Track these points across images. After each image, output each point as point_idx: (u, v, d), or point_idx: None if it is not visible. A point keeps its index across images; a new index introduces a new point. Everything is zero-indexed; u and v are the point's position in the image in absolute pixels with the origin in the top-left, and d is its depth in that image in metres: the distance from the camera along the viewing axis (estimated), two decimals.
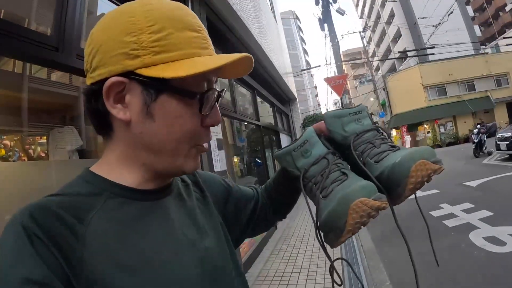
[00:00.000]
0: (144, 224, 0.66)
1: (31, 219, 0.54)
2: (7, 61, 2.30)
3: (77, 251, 0.55)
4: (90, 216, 0.60)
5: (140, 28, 0.62)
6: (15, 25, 1.62)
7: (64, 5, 1.89)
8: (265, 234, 6.49)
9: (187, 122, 0.67)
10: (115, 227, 0.62)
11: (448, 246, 5.06)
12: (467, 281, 3.92)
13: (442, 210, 7.09)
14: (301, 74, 26.57)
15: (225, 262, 0.79)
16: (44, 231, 0.54)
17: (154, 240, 0.65)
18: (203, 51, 0.67)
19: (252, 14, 6.33)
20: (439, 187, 9.58)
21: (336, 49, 12.64)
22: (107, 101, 0.64)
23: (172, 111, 0.65)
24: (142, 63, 0.62)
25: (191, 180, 0.92)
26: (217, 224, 0.86)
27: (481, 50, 36.17)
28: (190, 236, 0.73)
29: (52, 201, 0.60)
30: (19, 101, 2.34)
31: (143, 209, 0.68)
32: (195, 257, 0.70)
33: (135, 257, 0.61)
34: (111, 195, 0.66)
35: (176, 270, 0.65)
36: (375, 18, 49.51)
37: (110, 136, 0.70)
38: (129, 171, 0.70)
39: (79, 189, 0.65)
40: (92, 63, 0.65)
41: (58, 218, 0.56)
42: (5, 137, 2.73)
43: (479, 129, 15.92)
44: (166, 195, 0.75)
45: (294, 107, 14.55)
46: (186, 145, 0.69)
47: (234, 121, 8.48)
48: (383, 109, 39.86)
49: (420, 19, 32.80)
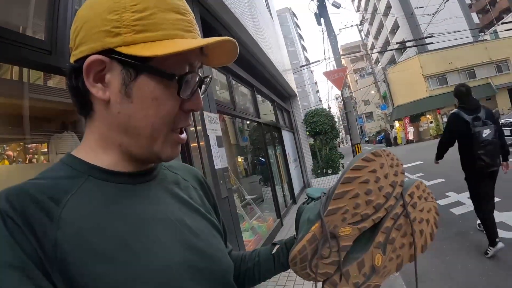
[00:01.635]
0: (123, 207, 0.65)
1: (6, 202, 0.54)
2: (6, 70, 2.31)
3: (51, 233, 0.55)
4: (67, 198, 0.60)
5: (123, 7, 0.62)
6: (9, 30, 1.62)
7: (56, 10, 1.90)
8: (271, 231, 6.49)
9: (164, 104, 0.66)
10: (92, 209, 0.61)
11: (456, 234, 5.06)
12: (477, 268, 3.91)
13: (448, 199, 7.10)
14: (300, 70, 26.49)
15: (215, 250, 0.78)
16: (19, 213, 0.54)
17: (133, 224, 0.64)
18: (186, 34, 0.67)
19: (247, 11, 6.32)
20: (444, 176, 9.54)
21: (334, 43, 12.61)
22: (86, 79, 0.64)
23: (150, 92, 0.65)
24: (123, 41, 0.62)
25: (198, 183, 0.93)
26: (211, 216, 0.85)
27: (480, 37, 35.99)
28: (177, 221, 0.72)
29: (29, 184, 0.60)
30: (19, 109, 2.35)
31: (122, 191, 0.67)
32: (183, 242, 0.69)
33: (111, 241, 0.59)
34: (89, 178, 0.65)
35: (159, 254, 0.64)
36: (372, 10, 49.38)
37: (90, 116, 0.70)
38: (105, 152, 0.69)
39: (58, 172, 0.65)
40: (76, 40, 0.66)
41: (34, 200, 0.56)
42: (8, 148, 2.75)
43: None
44: (148, 180, 0.74)
45: (295, 104, 14.52)
46: (163, 129, 0.68)
47: (236, 121, 8.49)
48: (385, 101, 39.88)
49: (417, 9, 32.70)
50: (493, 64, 32.55)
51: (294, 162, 12.30)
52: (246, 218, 6.08)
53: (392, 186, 0.86)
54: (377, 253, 0.84)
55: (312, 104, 52.07)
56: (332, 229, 0.82)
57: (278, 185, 8.78)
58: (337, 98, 74.07)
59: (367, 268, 0.83)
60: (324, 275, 0.83)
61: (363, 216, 0.83)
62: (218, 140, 3.96)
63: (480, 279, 3.65)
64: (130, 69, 0.64)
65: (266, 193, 8.54)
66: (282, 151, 10.83)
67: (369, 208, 0.83)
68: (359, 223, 0.83)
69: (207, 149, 3.65)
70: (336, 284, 0.82)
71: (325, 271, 0.83)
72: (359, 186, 0.82)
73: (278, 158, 10.16)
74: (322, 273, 0.83)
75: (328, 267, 0.83)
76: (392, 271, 0.86)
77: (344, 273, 0.82)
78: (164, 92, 0.66)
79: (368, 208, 0.83)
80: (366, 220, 0.83)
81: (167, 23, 0.64)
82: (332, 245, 0.82)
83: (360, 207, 0.83)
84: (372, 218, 0.83)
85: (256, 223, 6.30)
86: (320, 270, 0.82)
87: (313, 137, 13.58)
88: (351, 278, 0.81)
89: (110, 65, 0.64)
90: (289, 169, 10.77)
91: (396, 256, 0.85)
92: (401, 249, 0.86)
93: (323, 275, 0.83)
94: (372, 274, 0.83)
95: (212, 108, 4.12)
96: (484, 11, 43.09)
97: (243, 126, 9.79)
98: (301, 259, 0.84)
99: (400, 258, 0.86)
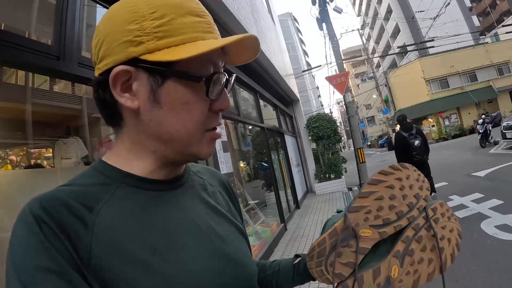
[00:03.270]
0: (153, 215, 0.65)
1: (41, 208, 0.54)
2: (11, 75, 2.31)
3: (85, 240, 0.56)
4: (100, 205, 0.60)
5: (142, 16, 0.62)
6: (17, 36, 1.64)
7: (64, 16, 1.91)
8: (275, 235, 6.47)
9: (195, 107, 0.66)
10: (124, 217, 0.62)
11: None
12: (481, 270, 3.88)
13: (452, 202, 7.05)
14: (302, 75, 26.51)
15: (242, 255, 0.77)
16: (54, 219, 0.54)
17: (163, 231, 0.64)
18: (207, 35, 0.67)
19: (249, 17, 6.34)
20: (447, 179, 9.53)
21: (336, 47, 12.63)
22: (114, 90, 0.64)
23: (179, 96, 0.65)
24: (146, 49, 0.62)
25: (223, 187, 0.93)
26: (237, 221, 0.85)
27: (481, 40, 36.03)
28: (206, 228, 0.72)
29: (62, 190, 0.60)
30: (24, 114, 2.35)
31: (154, 199, 0.67)
32: (211, 249, 0.69)
33: (142, 248, 0.60)
34: (122, 185, 0.65)
35: (188, 262, 0.64)
36: (372, 15, 49.49)
37: (120, 126, 0.70)
38: (139, 159, 0.69)
39: (90, 179, 0.65)
40: (98, 54, 0.66)
41: (68, 207, 0.57)
42: (11, 152, 2.75)
43: (483, 119, 15.83)
44: (178, 186, 0.75)
45: (297, 108, 14.53)
46: (197, 131, 0.68)
47: (239, 126, 8.49)
48: (387, 105, 39.85)
49: (417, 13, 32.76)
50: (494, 67, 32.60)
51: (297, 166, 12.29)
52: (250, 223, 6.08)
53: (416, 198, 0.87)
54: (394, 264, 0.82)
55: (314, 109, 52.18)
56: (354, 227, 0.82)
57: (281, 189, 8.76)
58: (339, 103, 74.13)
59: (382, 278, 0.81)
60: (338, 277, 0.82)
61: (385, 221, 0.83)
62: (224, 145, 3.96)
63: (484, 281, 3.63)
64: (156, 76, 0.64)
65: (270, 198, 8.53)
66: (285, 156, 10.82)
67: (391, 214, 0.84)
68: (380, 227, 0.83)
69: (213, 155, 3.64)
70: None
71: (340, 272, 0.82)
72: (384, 190, 0.84)
73: (281, 163, 10.15)
74: (337, 274, 0.82)
75: (343, 268, 0.82)
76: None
77: (358, 278, 0.80)
78: (192, 95, 0.66)
79: (391, 213, 0.84)
80: (387, 225, 0.84)
81: (187, 26, 0.64)
82: (351, 244, 0.82)
83: (383, 211, 0.84)
84: (394, 225, 0.84)
85: (260, 228, 6.29)
86: (336, 270, 0.81)
87: (316, 141, 13.57)
88: (364, 285, 0.80)
89: (136, 74, 0.64)
90: (292, 174, 10.75)
91: (413, 271, 0.83)
92: (419, 264, 0.83)
93: (337, 276, 0.82)
94: (387, 286, 0.81)
95: None
96: (485, 14, 43.24)
97: (245, 130, 9.80)
98: (319, 252, 0.84)
99: (417, 275, 0.83)
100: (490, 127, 16.04)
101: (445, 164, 12.87)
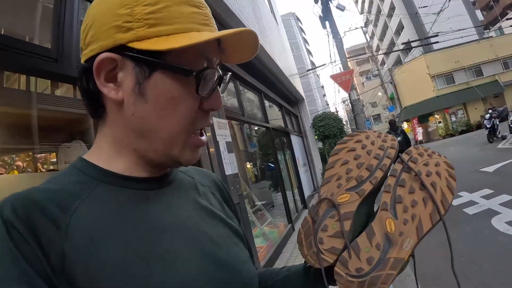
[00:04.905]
0: (137, 215, 0.61)
1: (11, 211, 0.50)
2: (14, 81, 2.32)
3: (58, 243, 0.51)
4: (75, 205, 0.55)
5: (135, 0, 0.58)
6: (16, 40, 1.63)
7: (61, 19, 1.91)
8: (283, 236, 6.44)
9: (182, 104, 0.62)
10: (103, 217, 0.57)
11: (470, 234, 4.96)
12: (493, 267, 3.83)
13: (461, 198, 6.99)
14: (306, 74, 26.48)
15: (237, 259, 0.72)
16: (24, 223, 0.49)
17: (147, 232, 0.59)
18: (203, 27, 0.62)
19: (251, 16, 6.32)
20: (456, 176, 9.38)
21: (340, 45, 12.59)
22: (97, 78, 0.60)
23: (166, 90, 0.60)
24: (135, 36, 0.58)
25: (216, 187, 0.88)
26: (233, 223, 0.80)
27: (485, 34, 35.81)
28: (195, 229, 0.67)
29: (36, 190, 0.56)
30: (28, 119, 2.35)
31: (136, 198, 0.63)
32: (201, 252, 0.64)
33: (124, 251, 0.55)
34: (101, 183, 0.61)
35: (176, 266, 0.59)
36: (376, 12, 49.33)
37: (103, 118, 0.66)
38: (120, 157, 0.65)
39: (68, 178, 0.61)
40: (86, 39, 0.62)
41: (40, 208, 0.52)
42: (17, 158, 2.75)
43: (490, 114, 15.73)
44: (164, 186, 0.70)
45: (303, 108, 14.49)
46: (182, 131, 0.63)
47: (244, 127, 8.48)
48: (392, 102, 39.71)
49: (420, 9, 32.58)
50: (500, 61, 32.29)
51: (303, 166, 12.25)
52: (257, 224, 6.04)
53: (382, 149, 0.83)
54: (387, 217, 0.74)
55: (319, 108, 52.07)
56: (330, 197, 0.78)
57: (288, 190, 8.72)
58: (344, 101, 74.00)
59: (379, 237, 0.72)
60: (331, 253, 0.74)
61: (358, 180, 0.79)
62: (228, 146, 3.94)
63: (495, 279, 3.57)
64: (144, 66, 0.59)
65: (277, 199, 8.49)
66: (291, 156, 10.77)
67: (363, 171, 0.80)
68: (357, 187, 0.78)
69: (217, 156, 3.63)
70: (347, 262, 0.72)
71: (332, 245, 0.74)
72: (347, 154, 0.84)
73: (287, 163, 10.11)
74: (328, 249, 0.75)
75: (333, 240, 0.75)
76: (413, 240, 0.71)
77: (353, 246, 0.73)
78: (181, 90, 0.61)
79: (362, 171, 0.80)
80: (363, 183, 0.79)
81: (182, 16, 0.60)
82: (333, 214, 0.77)
83: (353, 171, 0.80)
84: (369, 180, 0.78)
85: (267, 229, 6.26)
86: (325, 245, 0.75)
87: (322, 141, 13.56)
88: (362, 252, 0.71)
89: (122, 63, 0.60)
90: (299, 173, 10.71)
91: (411, 218, 0.73)
92: (414, 208, 0.73)
93: (330, 252, 0.74)
94: (388, 245, 0.72)
95: (220, 114, 4.10)
96: (488, 8, 42.94)
97: (251, 132, 9.78)
98: (305, 234, 0.79)
99: (417, 220, 0.72)
100: (497, 122, 15.92)
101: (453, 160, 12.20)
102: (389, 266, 0.69)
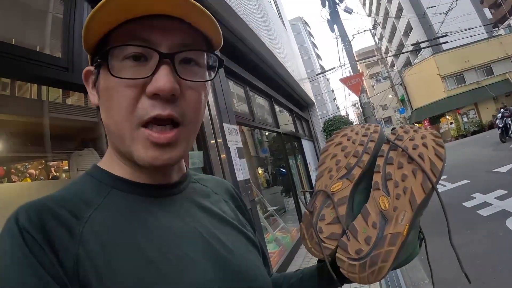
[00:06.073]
0: (149, 222, 0.60)
1: (26, 218, 0.50)
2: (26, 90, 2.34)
3: (72, 250, 0.51)
4: (89, 213, 0.56)
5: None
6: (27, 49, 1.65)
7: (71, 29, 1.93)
8: (295, 242, 6.40)
9: (116, 92, 0.59)
10: (116, 224, 0.57)
11: (485, 236, 4.86)
12: (509, 270, 3.74)
13: (475, 200, 6.85)
14: (316, 78, 26.43)
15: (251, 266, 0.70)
16: (39, 231, 0.50)
17: (159, 239, 0.59)
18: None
19: (260, 22, 6.33)
20: (469, 177, 9.27)
21: (349, 48, 12.54)
22: (87, 87, 0.65)
23: (102, 83, 0.62)
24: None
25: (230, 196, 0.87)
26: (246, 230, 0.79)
27: (494, 33, 35.42)
28: (208, 236, 0.66)
29: (51, 197, 0.56)
30: (40, 128, 2.38)
31: (148, 205, 0.62)
32: (214, 259, 0.63)
33: (136, 258, 0.54)
34: (113, 190, 0.61)
35: (188, 274, 0.58)
36: (383, 13, 49.21)
37: None
38: (120, 161, 0.65)
39: (82, 185, 0.62)
40: None
41: (55, 216, 0.53)
42: (30, 166, 2.78)
43: (502, 113, 15.60)
44: (177, 193, 0.69)
45: (313, 112, 14.46)
46: (125, 122, 0.59)
47: (255, 132, 8.48)
48: (403, 104, 39.40)
49: (428, 9, 32.41)
50: (510, 59, 31.71)
51: (315, 171, 12.20)
52: (269, 230, 6.02)
53: (366, 136, 0.87)
54: (380, 196, 0.75)
55: (330, 112, 51.94)
56: (324, 189, 0.82)
57: (300, 195, 8.67)
58: (355, 105, 73.72)
59: (374, 216, 0.73)
60: (331, 239, 0.75)
61: (347, 168, 0.83)
62: (239, 151, 3.93)
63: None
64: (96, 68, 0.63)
65: (289, 204, 8.48)
66: (303, 160, 10.74)
67: (350, 159, 0.85)
68: (347, 175, 0.82)
69: (229, 162, 3.62)
70: (346, 246, 0.72)
71: (331, 232, 0.76)
72: (335, 148, 0.90)
73: (299, 168, 10.08)
74: (328, 236, 0.76)
75: (332, 227, 0.77)
76: (408, 213, 0.70)
77: (350, 229, 0.74)
78: (111, 79, 0.58)
79: (350, 159, 0.85)
80: (352, 169, 0.83)
81: None
82: (329, 203, 0.80)
83: (342, 161, 0.85)
84: (358, 165, 0.82)
85: (279, 234, 6.23)
86: (325, 233, 0.76)
87: None
88: (359, 233, 0.72)
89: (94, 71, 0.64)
90: (310, 178, 10.65)
91: (402, 191, 0.73)
92: (405, 182, 0.73)
93: (330, 239, 0.75)
94: (384, 222, 0.72)
95: (231, 119, 4.10)
96: (496, 6, 42.48)
97: (262, 137, 9.78)
98: (306, 227, 0.82)
99: (409, 192, 0.72)
100: (509, 121, 15.72)
101: (465, 161, 12.54)
102: (387, 243, 0.69)
